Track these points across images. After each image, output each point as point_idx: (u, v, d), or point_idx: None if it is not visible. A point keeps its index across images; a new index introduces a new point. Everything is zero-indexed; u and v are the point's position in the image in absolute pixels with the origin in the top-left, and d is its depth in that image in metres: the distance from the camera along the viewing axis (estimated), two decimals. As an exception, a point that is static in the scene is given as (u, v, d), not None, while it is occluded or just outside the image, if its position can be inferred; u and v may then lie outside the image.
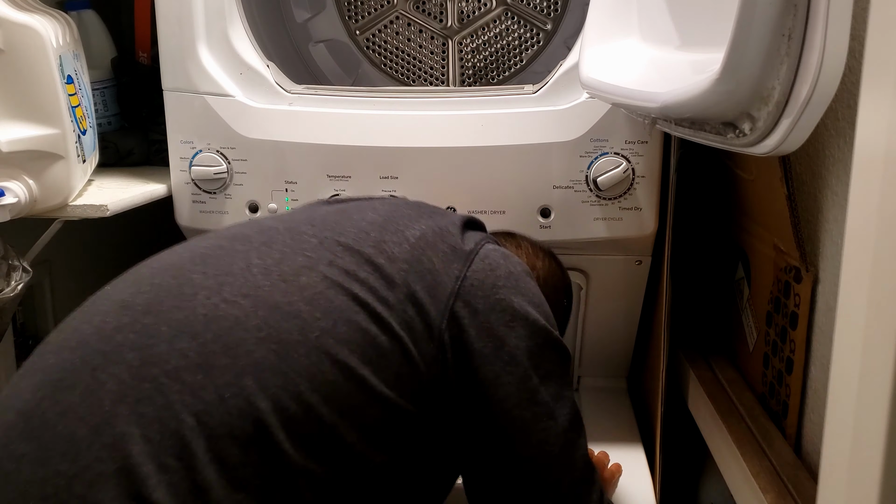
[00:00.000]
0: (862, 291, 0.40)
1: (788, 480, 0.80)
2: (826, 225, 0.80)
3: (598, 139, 1.05)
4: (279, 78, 1.12)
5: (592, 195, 1.06)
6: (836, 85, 0.54)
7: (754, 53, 0.55)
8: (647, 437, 1.17)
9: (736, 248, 1.11)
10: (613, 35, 0.94)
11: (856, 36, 0.55)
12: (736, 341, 1.10)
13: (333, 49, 1.46)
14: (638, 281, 1.18)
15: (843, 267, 0.42)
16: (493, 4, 1.42)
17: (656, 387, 1.12)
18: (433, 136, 1.07)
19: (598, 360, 1.30)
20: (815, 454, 0.84)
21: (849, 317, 0.42)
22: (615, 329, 1.25)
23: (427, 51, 1.45)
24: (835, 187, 0.78)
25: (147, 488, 0.54)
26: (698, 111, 0.65)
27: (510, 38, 1.44)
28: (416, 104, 1.09)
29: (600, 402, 1.27)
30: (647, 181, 1.06)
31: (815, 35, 0.53)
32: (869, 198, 0.40)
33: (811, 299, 0.84)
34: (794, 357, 0.88)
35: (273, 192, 1.10)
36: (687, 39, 0.82)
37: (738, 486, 0.88)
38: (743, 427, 0.93)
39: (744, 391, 1.01)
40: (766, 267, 0.97)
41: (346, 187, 1.09)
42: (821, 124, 0.58)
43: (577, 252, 1.14)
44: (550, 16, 1.42)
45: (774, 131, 0.58)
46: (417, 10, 1.43)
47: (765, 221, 0.97)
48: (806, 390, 0.87)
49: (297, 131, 1.09)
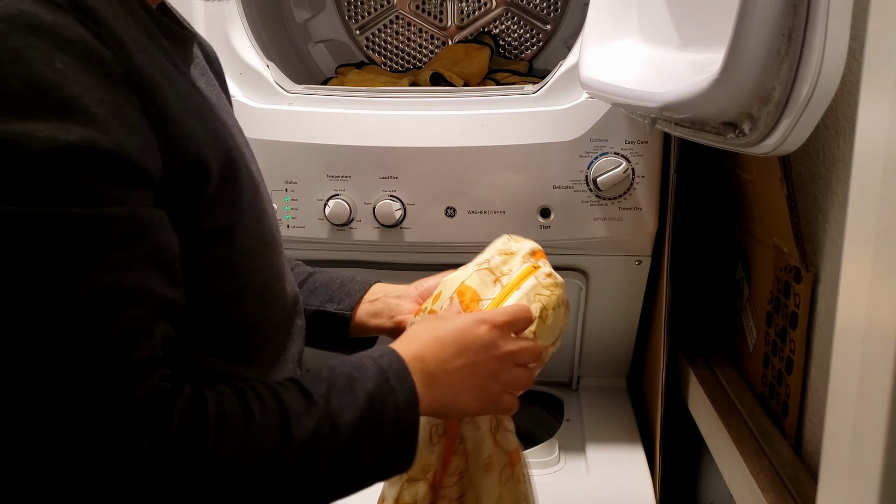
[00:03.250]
0: (862, 291, 0.40)
1: (788, 480, 0.80)
2: (826, 225, 0.80)
3: (598, 139, 1.05)
4: (279, 78, 1.12)
5: (592, 195, 1.06)
6: (836, 85, 0.54)
7: (754, 53, 0.55)
8: (647, 436, 1.17)
9: (736, 248, 1.11)
10: (613, 35, 0.94)
11: (856, 36, 0.55)
12: (736, 341, 1.10)
13: (333, 49, 1.46)
14: (638, 281, 1.18)
15: (843, 267, 0.42)
16: (493, 4, 1.42)
17: (656, 387, 1.12)
18: (433, 136, 1.07)
19: (598, 360, 1.30)
20: (815, 454, 0.84)
21: (849, 317, 0.42)
22: (615, 329, 1.25)
23: (427, 51, 1.45)
24: (835, 187, 0.78)
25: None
26: (698, 111, 0.65)
27: (510, 39, 1.44)
28: (416, 104, 1.09)
29: (600, 402, 1.27)
30: (647, 181, 1.06)
31: (815, 35, 0.53)
32: (869, 198, 0.40)
33: (811, 299, 0.84)
34: (794, 357, 0.88)
35: (273, 192, 1.10)
36: (687, 39, 0.82)
37: (738, 486, 0.88)
38: (743, 427, 0.93)
39: (744, 391, 1.01)
40: (766, 267, 0.97)
41: (345, 187, 1.09)
42: (821, 124, 0.58)
43: (577, 252, 1.14)
44: (550, 16, 1.42)
45: (774, 131, 0.58)
46: (417, 10, 1.43)
47: (765, 221, 0.97)
48: (806, 390, 0.87)
49: (296, 131, 1.09)
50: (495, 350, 0.69)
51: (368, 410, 0.60)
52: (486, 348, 0.69)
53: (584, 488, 1.05)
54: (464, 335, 0.68)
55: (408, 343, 0.68)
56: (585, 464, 1.10)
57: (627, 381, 1.32)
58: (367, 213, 1.09)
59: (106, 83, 0.51)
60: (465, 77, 1.31)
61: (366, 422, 0.59)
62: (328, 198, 1.09)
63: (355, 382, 0.61)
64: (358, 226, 1.11)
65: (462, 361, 0.68)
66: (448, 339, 0.68)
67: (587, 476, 1.08)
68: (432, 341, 0.68)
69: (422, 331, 0.70)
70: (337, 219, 1.09)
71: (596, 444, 1.14)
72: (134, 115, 0.52)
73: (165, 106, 0.54)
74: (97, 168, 0.50)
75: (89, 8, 0.51)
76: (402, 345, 0.68)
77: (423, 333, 0.69)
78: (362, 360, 0.64)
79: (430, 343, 0.67)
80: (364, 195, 1.09)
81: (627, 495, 1.04)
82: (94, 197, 0.50)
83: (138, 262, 0.52)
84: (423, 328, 0.70)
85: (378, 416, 0.60)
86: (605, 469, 1.09)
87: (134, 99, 0.52)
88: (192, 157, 0.56)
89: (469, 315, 0.71)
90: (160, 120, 0.54)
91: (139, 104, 0.53)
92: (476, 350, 0.68)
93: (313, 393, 0.59)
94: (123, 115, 0.51)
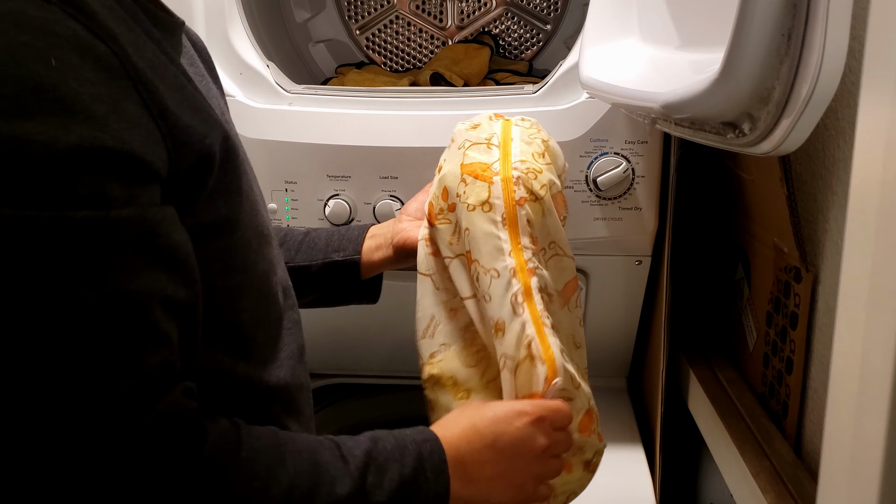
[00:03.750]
0: (862, 291, 0.40)
1: (788, 480, 0.80)
2: (826, 225, 0.80)
3: (598, 139, 1.05)
4: (279, 78, 1.12)
5: (592, 195, 1.06)
6: (836, 85, 0.54)
7: (754, 53, 0.55)
8: (647, 436, 1.17)
9: (736, 248, 1.11)
10: (613, 35, 0.94)
11: (856, 36, 0.55)
12: (736, 341, 1.10)
13: (333, 49, 1.46)
14: (638, 281, 1.18)
15: (843, 267, 0.42)
16: (493, 4, 1.42)
17: (656, 387, 1.12)
18: (433, 136, 1.07)
19: (598, 360, 1.29)
20: (815, 454, 0.84)
21: (849, 317, 0.42)
22: (615, 329, 1.25)
23: (427, 51, 1.45)
24: (835, 187, 0.78)
25: None
26: (698, 111, 0.65)
27: (510, 39, 1.44)
28: (416, 104, 1.09)
29: (600, 402, 1.26)
30: (647, 181, 1.06)
31: (815, 35, 0.53)
32: (869, 198, 0.40)
33: (811, 299, 0.84)
34: (794, 357, 0.88)
35: (273, 192, 1.10)
36: (687, 39, 0.82)
37: (738, 486, 0.88)
38: (743, 427, 0.93)
39: (744, 391, 1.01)
40: (766, 267, 0.97)
41: (345, 187, 1.09)
42: (821, 124, 0.58)
43: (577, 252, 1.14)
44: (550, 16, 1.42)
45: (774, 131, 0.58)
46: (417, 10, 1.43)
47: (765, 221, 0.97)
48: (806, 390, 0.87)
49: (296, 131, 1.09)
50: (533, 444, 0.67)
51: (400, 495, 0.59)
52: (524, 442, 0.66)
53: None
54: (504, 427, 0.66)
55: (446, 429, 0.66)
56: (585, 464, 1.10)
57: (627, 381, 1.32)
58: (367, 213, 1.09)
59: (103, 78, 0.49)
60: (465, 77, 1.31)
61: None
62: (328, 198, 1.09)
63: (392, 464, 0.60)
64: (358, 226, 1.11)
65: (498, 456, 0.66)
66: (486, 430, 0.66)
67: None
68: (470, 430, 0.66)
69: (460, 417, 0.68)
70: (337, 219, 1.09)
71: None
72: (134, 108, 0.50)
73: (164, 97, 0.53)
74: (102, 168, 0.48)
75: (78, 1, 0.50)
76: (441, 430, 0.66)
77: (462, 420, 0.67)
78: (405, 442, 0.63)
79: (468, 432, 0.66)
80: (364, 195, 1.09)
81: (627, 495, 1.04)
82: (100, 199, 0.48)
83: (149, 264, 0.50)
84: (462, 415, 0.69)
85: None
86: (605, 469, 1.09)
87: (133, 92, 0.50)
88: (196, 148, 0.55)
89: (509, 405, 0.69)
90: (161, 112, 0.52)
91: (138, 97, 0.51)
92: (514, 444, 0.66)
93: (350, 462, 0.58)
94: (124, 110, 0.50)
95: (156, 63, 0.54)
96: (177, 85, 0.56)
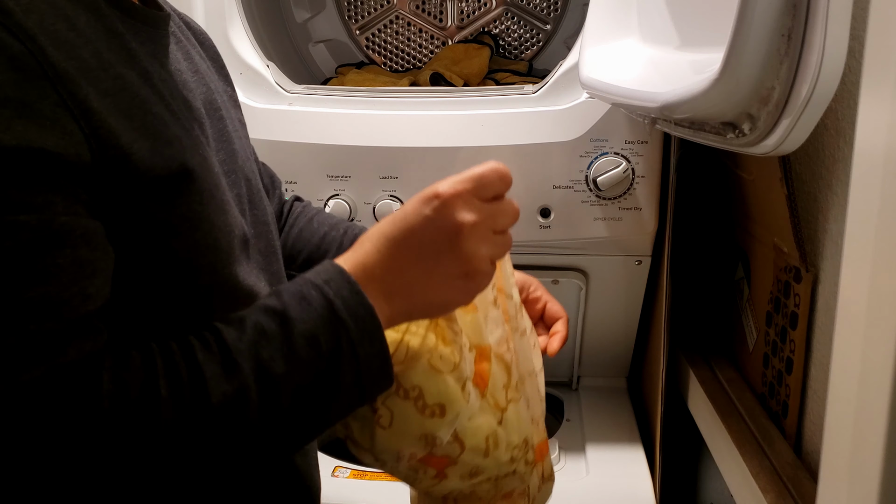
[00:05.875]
0: (862, 291, 0.40)
1: (788, 480, 0.80)
2: (826, 225, 0.80)
3: (598, 139, 1.05)
4: (279, 78, 1.12)
5: (592, 195, 1.06)
6: (836, 85, 0.54)
7: (754, 53, 0.55)
8: (647, 436, 1.17)
9: (736, 248, 1.11)
10: (613, 35, 0.94)
11: (856, 36, 0.55)
12: (736, 341, 1.10)
13: (333, 49, 1.46)
14: (638, 281, 1.18)
15: (843, 267, 0.42)
16: (493, 4, 1.42)
17: (656, 387, 1.12)
18: (433, 136, 1.07)
19: (598, 360, 1.30)
20: (815, 454, 0.84)
21: (849, 317, 0.42)
22: (615, 329, 1.25)
23: (427, 51, 1.45)
24: (835, 187, 0.78)
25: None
26: (698, 111, 0.65)
27: (510, 39, 1.44)
28: (416, 104, 1.09)
29: (600, 402, 1.27)
30: (647, 181, 1.06)
31: (815, 35, 0.53)
32: (869, 198, 0.40)
33: (811, 299, 0.84)
34: (794, 357, 0.88)
35: (273, 192, 1.10)
36: (687, 39, 0.82)
37: (738, 486, 0.88)
38: (743, 427, 0.93)
39: (744, 391, 1.01)
40: (766, 267, 0.97)
41: (345, 187, 1.09)
42: (821, 124, 0.58)
43: (577, 252, 1.15)
44: (550, 16, 1.42)
45: (774, 131, 0.58)
46: (417, 10, 1.43)
47: (765, 221, 0.97)
48: (806, 390, 0.87)
49: (296, 131, 1.09)
50: (455, 225, 0.56)
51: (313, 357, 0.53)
52: (444, 227, 0.56)
53: (584, 488, 1.05)
54: (414, 220, 0.57)
55: (355, 251, 0.58)
56: (585, 464, 1.10)
57: (627, 381, 1.32)
58: (367, 213, 1.09)
59: (15, 78, 0.48)
60: (465, 77, 1.31)
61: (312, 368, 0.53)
62: (328, 198, 1.09)
63: (293, 324, 0.54)
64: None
65: (419, 253, 0.57)
66: (396, 232, 0.57)
67: (587, 476, 1.08)
68: (380, 240, 0.58)
69: (373, 231, 0.59)
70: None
71: (596, 444, 1.14)
72: (51, 109, 0.49)
73: (88, 98, 0.51)
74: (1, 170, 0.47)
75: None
76: (351, 252, 0.58)
77: (373, 233, 0.58)
78: (306, 289, 0.56)
79: (378, 243, 0.58)
80: (364, 195, 1.09)
81: (627, 495, 1.04)
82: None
83: (50, 273, 0.48)
84: (376, 228, 0.59)
85: (332, 358, 0.54)
86: (605, 469, 1.09)
87: (51, 92, 0.49)
88: (125, 152, 0.52)
89: (418, 195, 0.58)
90: (84, 112, 0.50)
91: (57, 97, 0.49)
92: (432, 233, 0.56)
93: (233, 349, 0.53)
94: (38, 110, 0.48)
95: (91, 64, 0.52)
96: (115, 88, 0.53)
